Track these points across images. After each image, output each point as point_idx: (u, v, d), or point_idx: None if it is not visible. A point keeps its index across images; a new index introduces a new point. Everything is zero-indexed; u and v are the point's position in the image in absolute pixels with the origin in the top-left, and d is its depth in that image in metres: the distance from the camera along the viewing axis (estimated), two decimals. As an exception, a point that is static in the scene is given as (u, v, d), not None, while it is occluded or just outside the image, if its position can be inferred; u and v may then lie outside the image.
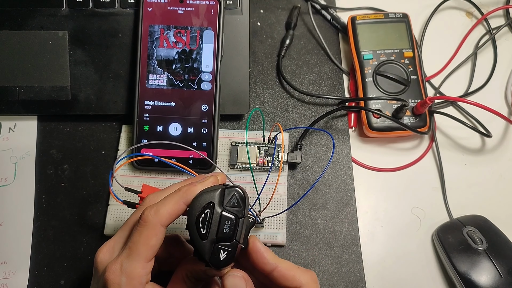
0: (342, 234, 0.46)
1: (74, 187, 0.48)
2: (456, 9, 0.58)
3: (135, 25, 0.49)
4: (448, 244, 0.44)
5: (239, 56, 0.49)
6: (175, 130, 0.47)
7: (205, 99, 0.47)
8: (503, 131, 0.52)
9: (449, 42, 0.56)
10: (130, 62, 0.49)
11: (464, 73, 0.55)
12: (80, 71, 0.49)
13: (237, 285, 0.31)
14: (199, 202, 0.30)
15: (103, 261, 0.31)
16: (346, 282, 0.45)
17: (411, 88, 0.50)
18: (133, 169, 0.47)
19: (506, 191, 0.49)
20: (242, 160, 0.47)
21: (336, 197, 0.48)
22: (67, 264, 0.45)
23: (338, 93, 0.53)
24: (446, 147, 0.51)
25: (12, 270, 0.45)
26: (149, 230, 0.30)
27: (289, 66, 0.54)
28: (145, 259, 0.30)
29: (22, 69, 0.48)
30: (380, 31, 0.52)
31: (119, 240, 0.32)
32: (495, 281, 0.41)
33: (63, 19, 0.49)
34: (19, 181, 0.48)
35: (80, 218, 0.47)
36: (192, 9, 0.47)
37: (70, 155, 0.49)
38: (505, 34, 0.57)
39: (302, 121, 0.51)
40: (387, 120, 0.49)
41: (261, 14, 0.56)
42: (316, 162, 0.49)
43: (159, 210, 0.30)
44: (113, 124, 0.50)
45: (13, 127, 0.50)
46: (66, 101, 0.49)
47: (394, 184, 0.49)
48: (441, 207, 0.48)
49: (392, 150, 0.51)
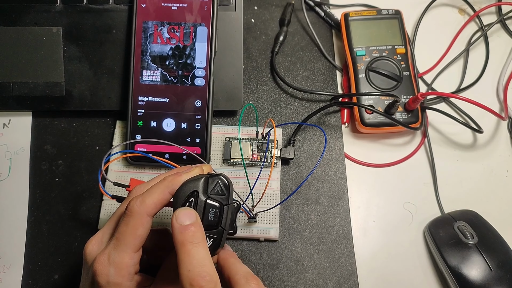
0: (335, 229, 0.47)
1: (69, 182, 0.48)
2: (449, 6, 0.59)
3: (129, 21, 0.49)
4: (439, 239, 0.45)
5: (232, 52, 0.50)
6: (169, 125, 0.47)
7: (198, 95, 0.47)
8: (495, 127, 0.53)
9: (441, 38, 0.57)
10: (124, 58, 0.49)
11: (456, 70, 0.56)
12: (74, 67, 0.49)
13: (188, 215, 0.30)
14: (183, 191, 0.31)
15: (92, 253, 0.32)
16: (338, 277, 0.45)
17: (404, 84, 0.50)
18: (127, 164, 0.47)
19: (497, 186, 0.50)
20: (236, 156, 0.47)
21: (328, 192, 0.48)
22: (61, 259, 0.45)
23: (331, 89, 0.53)
24: (438, 143, 0.52)
25: (6, 265, 0.45)
26: (135, 220, 0.30)
27: (283, 63, 0.54)
28: (133, 249, 0.30)
29: (16, 65, 0.49)
30: (373, 28, 0.53)
31: (107, 231, 0.33)
32: (485, 275, 0.42)
33: (57, 15, 0.49)
34: (13, 176, 0.48)
35: (74, 213, 0.47)
36: (186, 5, 0.47)
37: (65, 151, 0.49)
38: (497, 31, 0.58)
39: (295, 117, 0.52)
40: (379, 116, 0.49)
41: (255, 10, 0.57)
42: (309, 157, 0.50)
43: (145, 200, 0.31)
44: (107, 120, 0.50)
45: (7, 123, 0.50)
46: (61, 97, 0.49)
47: (386, 180, 0.50)
48: (432, 202, 0.49)
49: (384, 146, 0.51)
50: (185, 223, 0.29)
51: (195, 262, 0.28)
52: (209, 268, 0.28)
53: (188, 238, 0.29)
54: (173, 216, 0.30)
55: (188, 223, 0.29)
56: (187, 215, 0.30)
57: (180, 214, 0.30)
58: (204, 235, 0.30)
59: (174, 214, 0.30)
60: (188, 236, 0.29)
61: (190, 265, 0.28)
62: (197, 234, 0.29)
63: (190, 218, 0.30)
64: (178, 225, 0.29)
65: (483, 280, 0.42)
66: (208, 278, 0.28)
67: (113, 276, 0.30)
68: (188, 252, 0.29)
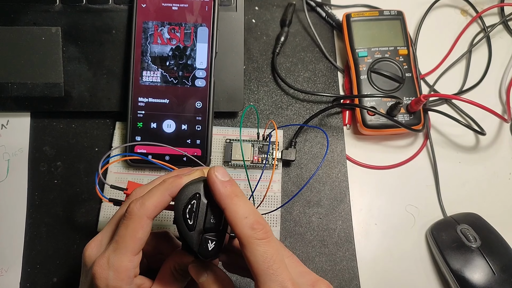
0: (336, 231, 0.46)
1: (67, 184, 0.47)
2: (451, 7, 0.58)
3: (129, 21, 0.49)
4: (442, 242, 0.44)
5: (233, 53, 0.49)
6: (169, 127, 0.46)
7: (199, 96, 0.46)
8: (497, 129, 0.52)
9: (443, 40, 0.56)
10: (124, 58, 0.49)
11: (458, 71, 0.55)
12: (74, 67, 0.49)
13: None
14: (185, 193, 0.30)
15: (91, 256, 0.31)
16: (340, 280, 0.45)
17: (406, 85, 0.50)
18: (127, 166, 0.47)
19: (499, 189, 0.50)
20: (236, 158, 0.47)
21: (330, 195, 0.48)
22: (60, 262, 0.45)
23: (333, 91, 0.53)
24: (440, 145, 0.51)
25: (5, 268, 0.44)
26: (135, 223, 0.30)
27: (284, 63, 0.54)
28: (132, 252, 0.30)
29: (15, 65, 0.48)
30: (375, 29, 0.52)
31: (107, 234, 0.32)
32: (488, 278, 0.42)
33: (56, 15, 0.49)
34: (11, 178, 0.47)
35: (73, 215, 0.46)
36: (186, 5, 0.47)
37: (63, 152, 0.49)
38: (499, 32, 0.57)
39: (296, 118, 0.51)
40: (381, 118, 0.48)
41: (256, 11, 0.56)
42: (311, 159, 0.49)
43: (145, 202, 0.30)
44: (107, 121, 0.50)
45: (5, 124, 0.50)
46: (59, 98, 0.48)
47: (388, 182, 0.49)
48: (435, 205, 0.49)
49: (386, 148, 0.51)
50: (226, 179, 0.30)
51: (249, 210, 0.29)
52: (260, 214, 0.30)
53: (233, 191, 0.30)
54: (212, 172, 0.30)
55: (228, 179, 0.30)
56: (224, 172, 0.30)
57: (220, 170, 0.30)
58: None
59: (212, 171, 0.30)
60: (233, 189, 0.30)
61: (245, 212, 0.29)
62: (238, 188, 0.30)
63: (227, 175, 0.31)
64: (221, 180, 0.30)
65: (486, 283, 0.41)
66: (264, 221, 0.29)
67: (112, 280, 0.29)
68: (238, 203, 0.29)
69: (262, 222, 0.29)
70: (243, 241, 0.28)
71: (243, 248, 0.29)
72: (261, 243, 0.28)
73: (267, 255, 0.28)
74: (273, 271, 0.28)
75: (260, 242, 0.28)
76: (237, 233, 0.29)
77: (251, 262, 0.28)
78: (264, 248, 0.28)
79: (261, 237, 0.28)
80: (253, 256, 0.28)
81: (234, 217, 0.29)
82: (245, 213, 0.29)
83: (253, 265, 0.28)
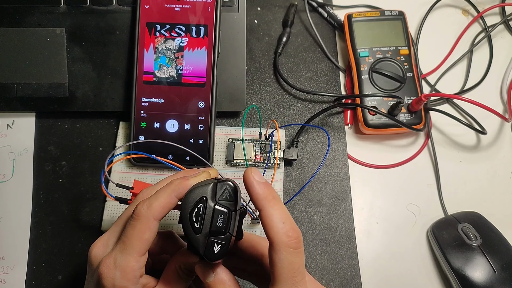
0: (338, 230, 0.47)
1: (72, 183, 0.48)
2: (452, 6, 0.59)
3: (132, 22, 0.49)
4: (443, 240, 0.45)
5: (236, 54, 0.50)
6: (172, 127, 0.47)
7: (202, 96, 0.47)
8: (498, 128, 0.52)
9: (445, 39, 0.56)
10: (128, 59, 0.49)
11: (459, 71, 0.55)
12: (78, 68, 0.49)
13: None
14: (192, 196, 0.31)
15: (97, 256, 0.32)
16: (341, 278, 0.45)
17: (407, 85, 0.50)
18: (130, 165, 0.47)
19: (500, 188, 0.50)
20: (239, 157, 0.47)
21: (332, 194, 0.48)
22: (64, 260, 0.45)
23: (335, 90, 0.53)
24: (441, 144, 0.51)
25: (10, 266, 0.45)
26: (142, 224, 0.30)
27: (286, 64, 0.54)
28: (139, 253, 0.30)
29: (20, 66, 0.49)
30: (376, 29, 0.52)
31: (113, 234, 0.33)
32: (489, 276, 0.42)
33: (61, 16, 0.49)
34: (17, 177, 0.48)
35: (78, 214, 0.47)
36: (189, 6, 0.47)
37: (68, 152, 0.49)
38: (500, 32, 0.58)
39: (298, 118, 0.52)
40: (382, 117, 0.49)
41: (258, 11, 0.57)
42: (312, 158, 0.50)
43: (152, 204, 0.31)
44: (111, 121, 0.50)
45: (11, 124, 0.50)
46: (64, 98, 0.49)
47: (389, 181, 0.50)
48: (436, 204, 0.49)
49: (387, 147, 0.51)
50: (262, 181, 0.30)
51: (286, 215, 0.29)
52: (293, 221, 0.30)
53: (271, 193, 0.30)
54: (250, 173, 0.30)
55: (264, 181, 0.30)
56: (260, 174, 0.30)
57: (256, 172, 0.30)
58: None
59: (249, 171, 0.30)
60: (271, 191, 0.30)
61: (282, 217, 0.29)
62: (275, 191, 0.30)
63: (263, 177, 0.30)
64: (258, 181, 0.30)
65: (487, 282, 0.42)
66: (298, 229, 0.29)
67: (119, 280, 0.30)
68: (275, 206, 0.29)
69: (297, 230, 0.29)
70: (275, 246, 0.28)
71: (273, 251, 0.28)
72: (293, 252, 0.28)
73: (294, 265, 0.28)
74: (295, 282, 0.28)
75: (292, 251, 0.28)
76: (270, 236, 0.29)
77: (277, 267, 0.28)
78: (294, 258, 0.28)
79: (294, 247, 0.28)
80: (281, 263, 0.28)
81: (270, 219, 0.29)
82: (282, 218, 0.29)
83: (278, 270, 0.28)
